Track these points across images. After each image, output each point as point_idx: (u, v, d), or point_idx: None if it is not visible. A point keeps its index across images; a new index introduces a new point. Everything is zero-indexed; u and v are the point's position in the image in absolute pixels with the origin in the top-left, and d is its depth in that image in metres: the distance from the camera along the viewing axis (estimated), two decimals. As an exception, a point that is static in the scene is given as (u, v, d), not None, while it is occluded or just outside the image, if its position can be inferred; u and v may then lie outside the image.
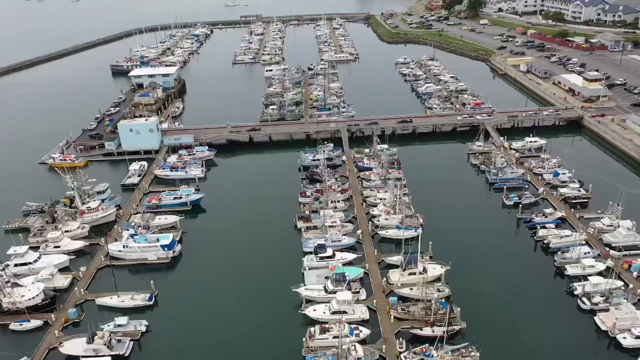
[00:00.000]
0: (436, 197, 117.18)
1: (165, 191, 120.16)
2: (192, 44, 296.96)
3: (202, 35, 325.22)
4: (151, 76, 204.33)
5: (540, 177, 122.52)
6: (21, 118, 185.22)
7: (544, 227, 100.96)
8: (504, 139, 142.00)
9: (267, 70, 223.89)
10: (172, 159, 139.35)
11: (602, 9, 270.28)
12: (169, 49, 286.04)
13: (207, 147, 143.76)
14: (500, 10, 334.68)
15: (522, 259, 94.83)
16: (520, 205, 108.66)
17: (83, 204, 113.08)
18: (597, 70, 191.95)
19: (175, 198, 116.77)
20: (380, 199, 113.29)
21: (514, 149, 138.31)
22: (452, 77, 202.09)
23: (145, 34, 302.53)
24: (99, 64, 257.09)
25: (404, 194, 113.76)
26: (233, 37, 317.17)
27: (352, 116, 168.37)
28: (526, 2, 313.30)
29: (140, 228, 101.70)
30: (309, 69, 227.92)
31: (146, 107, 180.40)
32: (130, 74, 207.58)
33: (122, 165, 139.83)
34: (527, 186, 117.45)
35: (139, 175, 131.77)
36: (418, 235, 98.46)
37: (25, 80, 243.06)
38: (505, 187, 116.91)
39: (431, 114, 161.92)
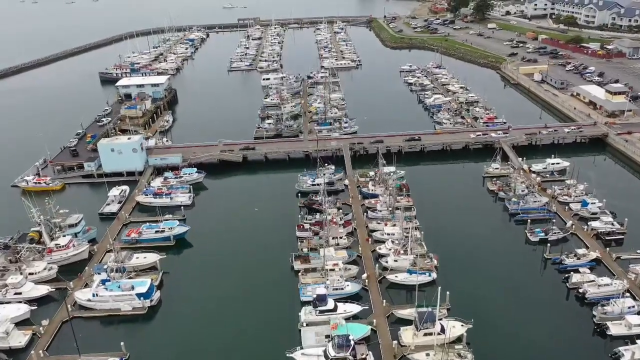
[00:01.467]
0: (450, 231, 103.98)
1: (146, 223, 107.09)
2: (186, 49, 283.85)
3: (198, 39, 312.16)
4: (140, 86, 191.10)
5: (566, 207, 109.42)
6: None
7: (577, 271, 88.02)
8: (522, 161, 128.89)
9: (264, 79, 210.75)
10: (157, 182, 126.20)
11: (617, 12, 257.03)
12: (162, 54, 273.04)
13: (195, 170, 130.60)
14: (507, 13, 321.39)
15: (555, 312, 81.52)
16: (548, 244, 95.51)
17: (52, 239, 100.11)
18: (617, 81, 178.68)
19: (157, 232, 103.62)
20: (388, 234, 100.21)
21: (534, 172, 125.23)
22: (461, 87, 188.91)
23: (137, 38, 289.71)
24: (87, 70, 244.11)
25: (415, 227, 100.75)
26: (230, 41, 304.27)
27: (355, 132, 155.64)
28: (535, 5, 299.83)
29: (113, 272, 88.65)
30: (309, 77, 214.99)
31: (133, 121, 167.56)
32: (117, 84, 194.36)
33: (103, 188, 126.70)
34: (554, 219, 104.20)
35: (119, 202, 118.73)
36: (433, 281, 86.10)
37: (8, 88, 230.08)
38: (528, 219, 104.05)
39: (441, 131, 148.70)
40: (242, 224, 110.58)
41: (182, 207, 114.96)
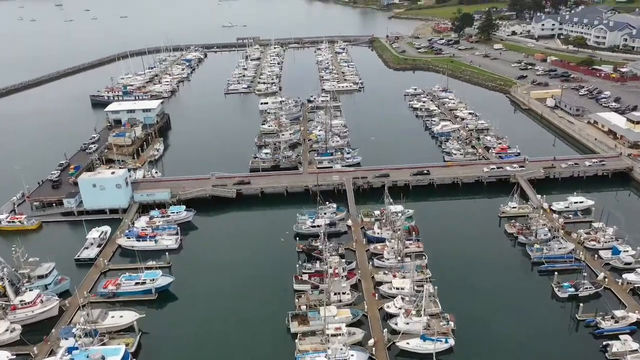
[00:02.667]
0: (467, 283, 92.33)
1: (126, 273, 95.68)
2: (182, 70, 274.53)
3: (195, 60, 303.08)
4: (130, 111, 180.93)
5: (595, 254, 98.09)
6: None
7: (617, 337, 76.47)
8: (542, 199, 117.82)
9: (262, 103, 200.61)
10: (142, 223, 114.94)
11: (629, 34, 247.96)
12: (157, 75, 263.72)
13: (184, 207, 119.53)
14: (513, 33, 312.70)
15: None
16: (580, 304, 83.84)
17: (17, 294, 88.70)
18: (635, 107, 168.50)
19: (137, 283, 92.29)
20: (397, 288, 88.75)
21: (555, 212, 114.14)
22: (470, 113, 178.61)
23: (131, 58, 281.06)
24: (78, 93, 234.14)
25: (428, 279, 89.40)
26: (228, 61, 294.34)
27: (358, 163, 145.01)
28: (543, 25, 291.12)
29: (82, 337, 77.09)
30: (309, 101, 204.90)
31: (120, 150, 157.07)
32: (106, 109, 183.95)
33: (83, 228, 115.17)
34: (583, 270, 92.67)
35: (98, 246, 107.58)
36: (450, 348, 74.81)
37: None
38: (554, 269, 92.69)
39: (451, 163, 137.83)
40: (233, 272, 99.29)
41: (167, 253, 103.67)
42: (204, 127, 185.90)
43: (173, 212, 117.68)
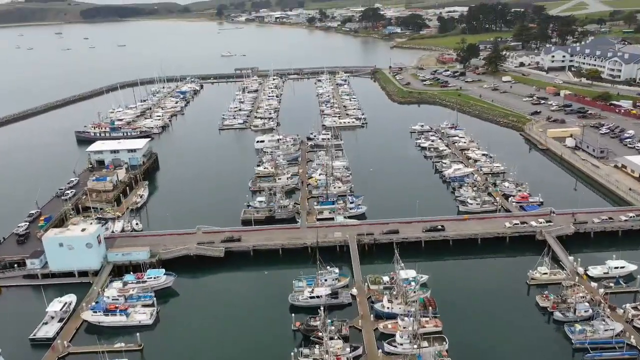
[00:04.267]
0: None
1: (86, 362, 79.96)
2: (176, 103, 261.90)
3: (190, 92, 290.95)
4: (114, 151, 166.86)
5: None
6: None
7: None
8: (576, 264, 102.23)
9: (258, 141, 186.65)
10: (113, 292, 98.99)
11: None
12: (149, 109, 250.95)
13: (164, 272, 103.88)
14: (522, 65, 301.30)
15: None
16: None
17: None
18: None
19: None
20: (414, 386, 72.85)
21: (592, 278, 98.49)
22: (484, 154, 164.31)
23: (122, 90, 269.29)
24: (65, 128, 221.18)
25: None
26: (225, 93, 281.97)
27: (363, 213, 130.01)
28: (553, 57, 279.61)
29: None
30: (309, 138, 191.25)
31: (100, 197, 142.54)
32: (88, 149, 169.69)
33: (48, 293, 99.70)
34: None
35: (60, 320, 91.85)
36: None
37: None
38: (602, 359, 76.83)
39: (468, 217, 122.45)
40: (217, 356, 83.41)
41: (138, 334, 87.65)
42: (195, 168, 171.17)
43: (150, 277, 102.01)
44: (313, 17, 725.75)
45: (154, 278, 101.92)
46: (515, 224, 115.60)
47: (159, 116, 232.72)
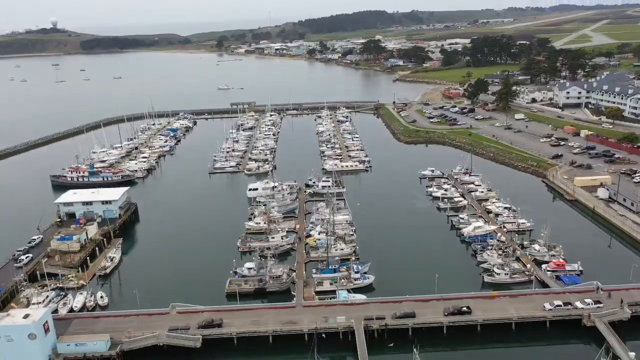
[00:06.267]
0: None
1: None
2: (165, 142, 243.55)
3: (182, 129, 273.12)
4: (87, 203, 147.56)
5: None
6: None
7: None
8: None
9: (250, 189, 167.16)
10: (55, 402, 78.62)
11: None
12: (136, 148, 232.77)
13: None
14: (533, 100, 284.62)
15: None
16: None
17: None
18: None
19: None
20: None
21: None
22: (506, 207, 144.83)
23: (104, 128, 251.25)
24: (41, 170, 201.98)
25: None
26: (219, 130, 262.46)
27: (371, 283, 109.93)
28: (568, 93, 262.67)
29: None
30: (307, 185, 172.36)
31: (65, 259, 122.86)
32: (57, 200, 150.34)
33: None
34: None
35: None
36: None
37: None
38: None
39: (497, 294, 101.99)
40: None
41: None
42: (178, 222, 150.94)
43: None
44: (313, 49, 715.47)
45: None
46: (557, 305, 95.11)
47: (145, 157, 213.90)
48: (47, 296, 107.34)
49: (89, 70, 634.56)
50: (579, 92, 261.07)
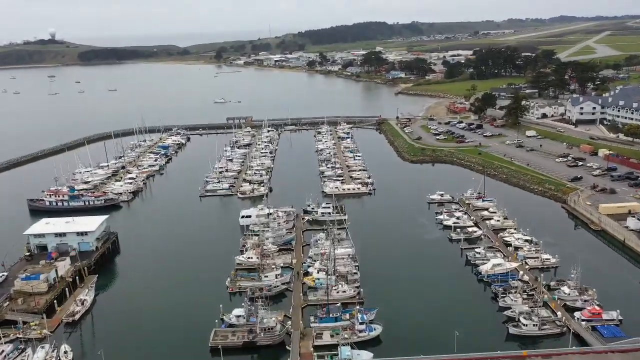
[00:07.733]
0: None
1: None
2: (155, 161, 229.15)
3: (174, 146, 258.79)
4: (60, 235, 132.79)
5: None
6: None
7: None
8: None
9: (243, 216, 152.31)
10: None
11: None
12: (123, 167, 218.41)
13: None
14: (544, 116, 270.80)
15: None
16: None
17: None
18: None
19: None
20: None
21: None
22: (526, 239, 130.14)
23: (88, 145, 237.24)
24: (19, 193, 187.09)
25: None
26: (213, 147, 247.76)
27: (378, 336, 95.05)
28: (582, 109, 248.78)
29: None
30: (305, 211, 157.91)
31: (29, 303, 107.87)
32: (27, 231, 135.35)
33: None
34: None
35: None
36: None
37: None
38: None
39: (526, 353, 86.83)
40: None
41: None
42: (163, 255, 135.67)
43: None
44: (313, 60, 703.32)
45: None
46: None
47: (132, 178, 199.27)
48: (2, 351, 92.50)
49: (85, 82, 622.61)
50: (594, 108, 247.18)
